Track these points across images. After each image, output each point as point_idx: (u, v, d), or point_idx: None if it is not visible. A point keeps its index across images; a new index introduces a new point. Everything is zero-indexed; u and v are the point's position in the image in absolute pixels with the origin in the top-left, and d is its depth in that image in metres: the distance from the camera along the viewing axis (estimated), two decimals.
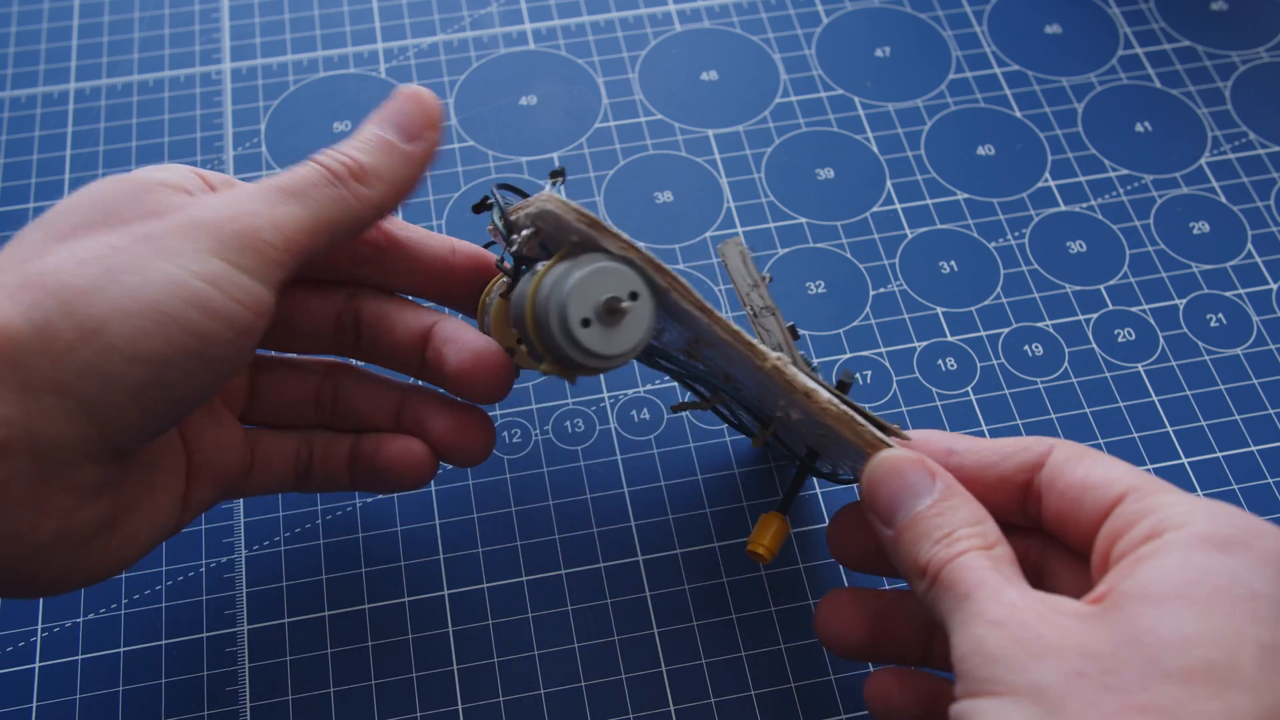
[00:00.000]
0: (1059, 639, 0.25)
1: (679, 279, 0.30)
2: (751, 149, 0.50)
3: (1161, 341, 0.44)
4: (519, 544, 0.40)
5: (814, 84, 0.52)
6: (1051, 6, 0.54)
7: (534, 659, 0.38)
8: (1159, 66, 0.52)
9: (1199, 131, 0.50)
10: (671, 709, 0.37)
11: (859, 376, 0.43)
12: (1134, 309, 0.45)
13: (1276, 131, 0.50)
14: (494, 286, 0.36)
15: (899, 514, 0.29)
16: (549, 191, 0.31)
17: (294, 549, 0.40)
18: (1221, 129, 0.50)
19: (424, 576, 0.39)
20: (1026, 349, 0.44)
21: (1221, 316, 0.45)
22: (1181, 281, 0.46)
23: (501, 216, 0.33)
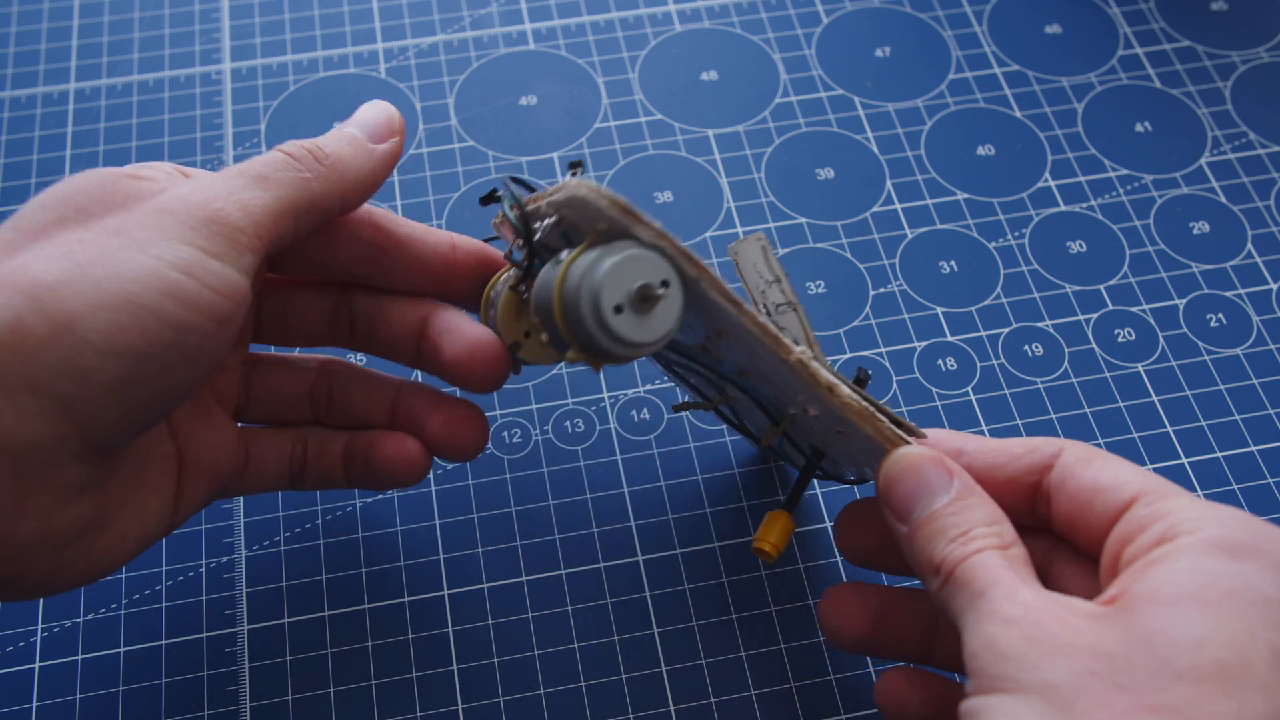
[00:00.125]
0: (1072, 638, 0.25)
1: (709, 269, 0.30)
2: (751, 149, 0.49)
3: (1161, 341, 0.44)
4: (519, 544, 0.40)
5: (814, 84, 0.52)
6: (1051, 6, 0.54)
7: (534, 659, 0.38)
8: (1159, 66, 0.52)
9: (1199, 131, 0.50)
10: (671, 709, 0.37)
11: None
12: (1134, 309, 0.45)
13: (1276, 131, 0.50)
14: (499, 280, 0.36)
15: (915, 511, 0.29)
16: (580, 179, 0.31)
17: (294, 549, 0.40)
18: (1221, 129, 0.50)
19: (424, 576, 0.39)
20: (1026, 349, 0.44)
21: (1221, 316, 0.45)
22: (1181, 281, 0.46)
23: (515, 206, 0.33)
